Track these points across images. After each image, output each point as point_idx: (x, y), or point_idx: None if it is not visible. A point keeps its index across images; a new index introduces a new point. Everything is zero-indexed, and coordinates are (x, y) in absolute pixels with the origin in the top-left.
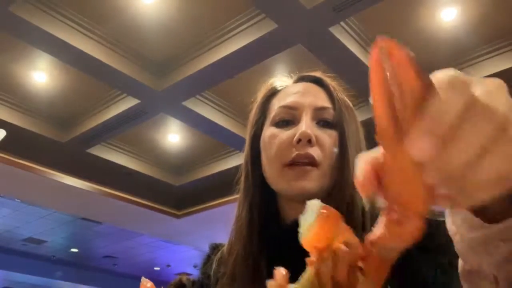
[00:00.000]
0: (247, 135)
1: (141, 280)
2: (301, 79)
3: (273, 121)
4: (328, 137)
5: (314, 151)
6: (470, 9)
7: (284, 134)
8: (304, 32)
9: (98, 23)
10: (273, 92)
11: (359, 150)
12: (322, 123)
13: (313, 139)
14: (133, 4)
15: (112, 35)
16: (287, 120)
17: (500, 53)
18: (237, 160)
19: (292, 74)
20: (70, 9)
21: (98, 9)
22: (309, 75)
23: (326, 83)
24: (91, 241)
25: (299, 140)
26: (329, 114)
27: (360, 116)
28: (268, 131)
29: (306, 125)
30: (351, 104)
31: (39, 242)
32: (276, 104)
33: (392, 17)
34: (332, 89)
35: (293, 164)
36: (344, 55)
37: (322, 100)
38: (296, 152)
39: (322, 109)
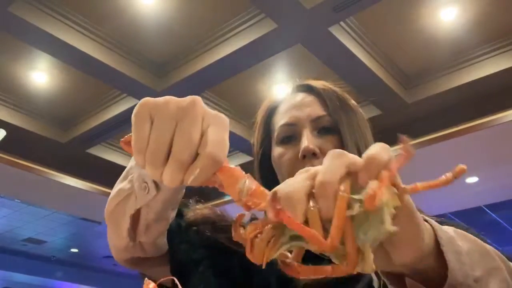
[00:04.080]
0: (255, 156)
1: (144, 280)
2: (296, 89)
3: (278, 140)
4: (330, 144)
5: (320, 162)
6: (470, 9)
7: (290, 152)
8: (304, 32)
9: (98, 24)
10: (272, 110)
11: (362, 145)
12: (323, 131)
13: (317, 151)
14: (133, 4)
15: (112, 36)
16: (289, 136)
17: (500, 53)
18: (238, 160)
19: (289, 83)
20: (70, 9)
21: (98, 10)
22: (301, 85)
23: (317, 90)
24: (91, 241)
25: (303, 156)
26: (326, 121)
27: None
28: (276, 151)
29: (308, 140)
30: (350, 101)
31: (39, 242)
32: (277, 123)
33: (391, 17)
34: (324, 95)
35: None
36: (344, 55)
37: (317, 109)
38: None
39: (318, 118)
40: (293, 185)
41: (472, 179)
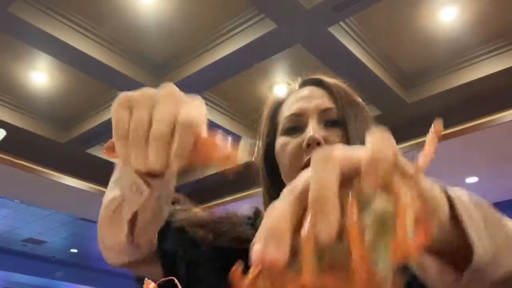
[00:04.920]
0: (259, 148)
1: (144, 281)
2: (304, 84)
3: (283, 130)
4: (336, 136)
5: None
6: (470, 9)
7: (294, 141)
8: (304, 32)
9: (98, 24)
10: (280, 103)
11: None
12: (329, 123)
13: (322, 141)
14: (133, 4)
15: (112, 36)
16: (295, 127)
17: (500, 53)
18: None
19: (294, 79)
20: (69, 10)
21: (97, 10)
22: (311, 78)
23: (327, 84)
24: (91, 241)
25: (308, 145)
26: (334, 114)
27: None
28: (280, 140)
29: (313, 130)
30: (358, 99)
31: (39, 242)
32: (284, 114)
33: (391, 17)
34: (333, 88)
35: (306, 168)
36: (344, 55)
37: (325, 101)
38: (308, 157)
39: (327, 110)
40: (275, 216)
41: (472, 179)
